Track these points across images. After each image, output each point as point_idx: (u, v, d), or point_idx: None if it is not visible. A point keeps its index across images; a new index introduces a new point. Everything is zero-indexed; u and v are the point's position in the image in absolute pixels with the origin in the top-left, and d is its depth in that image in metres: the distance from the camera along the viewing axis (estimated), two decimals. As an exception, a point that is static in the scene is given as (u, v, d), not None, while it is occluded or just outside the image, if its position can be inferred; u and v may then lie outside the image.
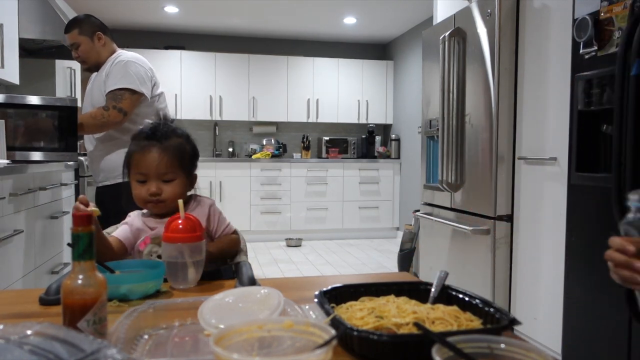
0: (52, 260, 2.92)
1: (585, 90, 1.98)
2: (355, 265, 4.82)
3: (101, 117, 2.37)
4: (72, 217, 0.73)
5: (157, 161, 1.31)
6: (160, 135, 1.34)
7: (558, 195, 2.26)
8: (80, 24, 2.49)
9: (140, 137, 1.36)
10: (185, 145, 1.38)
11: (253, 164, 5.93)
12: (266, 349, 0.67)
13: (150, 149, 1.32)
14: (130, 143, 1.39)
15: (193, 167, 1.41)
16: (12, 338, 0.60)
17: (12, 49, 3.29)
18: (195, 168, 1.42)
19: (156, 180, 1.32)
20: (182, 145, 1.37)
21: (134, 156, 1.34)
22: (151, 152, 1.32)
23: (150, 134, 1.34)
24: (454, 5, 3.28)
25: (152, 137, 1.34)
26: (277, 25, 6.00)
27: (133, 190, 1.35)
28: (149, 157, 1.32)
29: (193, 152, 1.41)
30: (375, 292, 0.92)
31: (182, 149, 1.37)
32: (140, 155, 1.33)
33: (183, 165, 1.35)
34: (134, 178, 1.35)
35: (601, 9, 1.91)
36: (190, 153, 1.39)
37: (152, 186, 1.31)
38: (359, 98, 6.50)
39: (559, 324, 2.16)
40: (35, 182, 2.64)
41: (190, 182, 1.40)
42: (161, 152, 1.32)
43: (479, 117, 2.74)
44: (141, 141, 1.35)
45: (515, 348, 0.61)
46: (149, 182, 1.32)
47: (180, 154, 1.35)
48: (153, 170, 1.31)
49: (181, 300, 0.89)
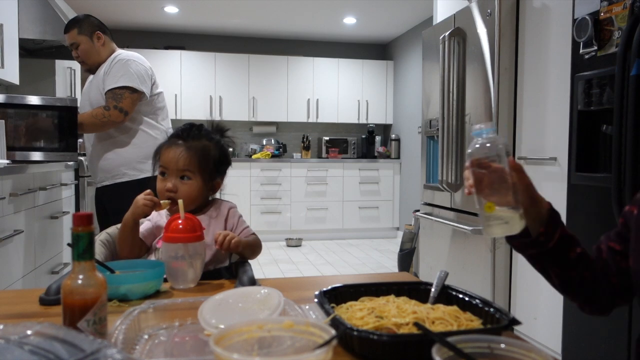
0: (52, 260, 2.92)
1: (585, 90, 1.98)
2: (355, 265, 4.82)
3: (102, 117, 2.37)
4: (72, 217, 0.73)
5: (177, 157, 1.35)
6: (188, 135, 1.38)
7: (558, 195, 2.26)
8: (79, 24, 2.49)
9: (173, 134, 1.42)
10: (211, 149, 1.40)
11: (253, 164, 5.93)
12: (266, 349, 0.67)
13: (175, 145, 1.37)
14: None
15: (217, 172, 1.42)
16: (12, 338, 0.60)
17: (12, 49, 3.29)
18: (220, 175, 1.43)
19: (175, 176, 1.35)
20: (207, 148, 1.39)
21: (161, 149, 1.39)
22: (175, 148, 1.36)
23: (181, 132, 1.40)
24: (454, 5, 3.28)
25: (180, 135, 1.39)
26: (277, 25, 6.00)
27: (157, 183, 1.39)
28: (172, 152, 1.36)
29: (220, 158, 1.42)
30: (375, 292, 0.92)
31: (206, 151, 1.38)
32: (165, 149, 1.38)
33: (204, 166, 1.37)
34: (158, 170, 1.39)
35: (601, 9, 1.91)
36: (216, 158, 1.40)
37: (169, 181, 1.35)
38: (359, 98, 6.50)
39: (559, 324, 2.16)
40: (35, 182, 2.64)
41: (211, 186, 1.42)
42: (184, 149, 1.36)
43: (479, 117, 2.74)
44: (172, 137, 1.40)
45: (515, 348, 0.61)
46: (169, 176, 1.36)
47: (202, 155, 1.37)
48: (172, 165, 1.35)
49: (181, 300, 0.89)
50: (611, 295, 0.96)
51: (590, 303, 0.99)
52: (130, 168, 2.45)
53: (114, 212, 2.40)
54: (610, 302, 0.97)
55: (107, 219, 2.42)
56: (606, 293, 0.96)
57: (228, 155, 1.46)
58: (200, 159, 1.36)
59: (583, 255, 0.97)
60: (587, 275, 0.96)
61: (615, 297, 0.96)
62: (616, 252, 0.95)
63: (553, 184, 2.33)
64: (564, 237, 0.96)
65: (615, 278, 0.95)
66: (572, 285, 0.98)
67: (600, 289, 0.96)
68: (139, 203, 1.29)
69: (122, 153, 2.46)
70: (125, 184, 2.45)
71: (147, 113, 2.51)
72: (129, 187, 2.42)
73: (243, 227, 1.42)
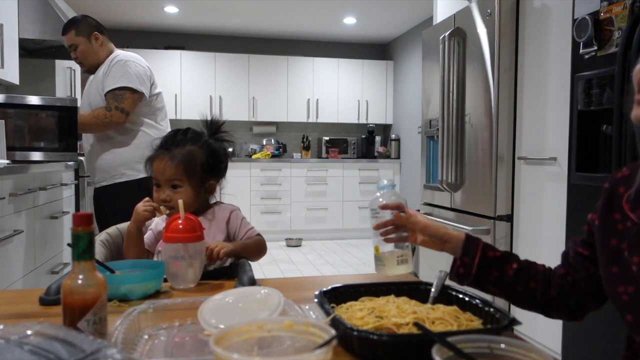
0: (52, 260, 2.92)
1: (585, 90, 1.98)
2: (355, 265, 4.82)
3: (104, 117, 2.37)
4: (72, 217, 0.73)
5: (163, 168, 1.35)
6: (172, 143, 1.38)
7: (558, 195, 2.26)
8: (76, 25, 2.49)
9: (159, 144, 1.41)
10: (196, 153, 1.39)
11: (253, 164, 5.93)
12: (266, 349, 0.67)
13: (161, 156, 1.37)
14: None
15: (209, 175, 1.41)
16: (12, 338, 0.60)
17: (12, 49, 3.29)
18: (214, 176, 1.42)
19: (167, 186, 1.36)
20: (192, 153, 1.38)
21: (151, 162, 1.40)
22: (161, 159, 1.37)
23: (164, 141, 1.40)
24: (454, 5, 3.28)
25: (164, 145, 1.39)
26: (277, 25, 6.00)
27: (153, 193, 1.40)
28: (158, 163, 1.37)
29: (209, 160, 1.40)
30: (375, 292, 0.92)
31: (191, 157, 1.38)
32: (154, 161, 1.38)
33: (191, 173, 1.36)
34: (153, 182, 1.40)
35: (601, 9, 1.91)
36: (203, 161, 1.39)
37: (162, 192, 1.36)
38: (359, 98, 6.50)
39: (559, 324, 2.16)
40: (35, 182, 2.64)
41: (205, 189, 1.41)
42: (168, 160, 1.36)
43: (479, 117, 2.74)
44: (158, 148, 1.40)
45: (515, 348, 0.61)
46: (162, 187, 1.36)
47: (187, 161, 1.36)
48: (161, 177, 1.36)
49: (181, 300, 0.89)
50: (580, 300, 0.95)
51: (553, 310, 0.98)
52: (128, 168, 2.45)
53: (113, 212, 2.40)
54: (580, 307, 0.96)
55: (106, 219, 2.42)
56: (572, 298, 0.95)
57: (219, 154, 1.44)
58: (185, 166, 1.36)
59: (523, 269, 0.98)
60: (535, 286, 0.97)
61: (585, 302, 0.95)
62: (585, 258, 0.94)
63: (553, 184, 2.33)
64: (490, 260, 0.98)
65: (585, 283, 0.94)
66: (522, 299, 0.99)
67: (560, 296, 0.96)
68: (139, 210, 1.31)
69: (120, 153, 2.46)
70: (124, 184, 2.45)
71: (146, 114, 2.51)
72: (128, 187, 2.43)
73: (247, 229, 1.42)
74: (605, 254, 0.87)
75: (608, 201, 0.89)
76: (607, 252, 0.86)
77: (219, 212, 1.42)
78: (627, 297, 0.82)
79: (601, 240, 0.88)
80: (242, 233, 1.41)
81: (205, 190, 1.42)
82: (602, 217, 0.89)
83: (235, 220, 1.42)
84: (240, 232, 1.41)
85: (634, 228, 0.82)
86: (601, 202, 0.90)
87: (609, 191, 0.89)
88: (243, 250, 1.32)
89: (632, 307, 0.81)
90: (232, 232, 1.41)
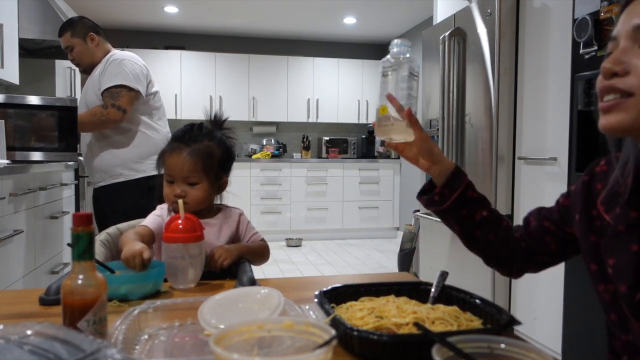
0: (52, 260, 2.92)
1: (585, 90, 1.98)
2: (355, 265, 4.82)
3: (100, 115, 2.37)
4: (72, 217, 0.73)
5: (181, 164, 1.32)
6: (189, 138, 1.35)
7: (558, 195, 2.25)
8: (72, 27, 2.49)
9: (174, 138, 1.39)
10: (214, 149, 1.38)
11: (253, 164, 5.93)
12: (266, 349, 0.67)
13: (178, 151, 1.34)
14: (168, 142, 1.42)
15: (223, 171, 1.41)
16: (12, 338, 0.60)
17: (12, 49, 3.29)
18: (226, 172, 1.42)
19: (181, 182, 1.33)
20: (210, 149, 1.37)
21: (165, 156, 1.37)
22: (178, 154, 1.33)
23: (181, 135, 1.37)
24: (454, 5, 3.28)
25: (181, 139, 1.36)
26: (277, 25, 6.00)
27: (164, 188, 1.37)
28: (176, 159, 1.33)
29: (224, 156, 1.40)
30: (375, 292, 0.92)
31: (210, 153, 1.36)
32: (169, 156, 1.35)
33: (209, 169, 1.35)
34: (165, 177, 1.37)
35: (601, 9, 1.91)
36: (220, 157, 1.38)
37: (177, 188, 1.33)
38: (359, 98, 6.50)
39: (559, 324, 2.16)
40: (35, 182, 2.64)
41: (218, 186, 1.40)
42: (187, 155, 1.33)
43: (479, 117, 2.74)
44: (173, 142, 1.37)
45: (515, 348, 0.61)
46: (176, 183, 1.34)
47: (206, 157, 1.35)
48: (178, 173, 1.33)
49: (181, 300, 0.89)
50: (524, 265, 1.03)
51: (495, 262, 1.05)
52: (126, 168, 2.45)
53: (112, 212, 2.40)
54: (521, 270, 1.04)
55: (105, 219, 2.42)
56: (519, 262, 1.02)
57: (231, 151, 1.44)
58: (204, 162, 1.34)
59: (489, 218, 1.01)
60: (492, 238, 1.02)
61: (528, 268, 1.03)
62: (549, 232, 0.98)
63: (553, 184, 2.33)
64: (467, 199, 1.00)
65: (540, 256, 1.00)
66: (476, 243, 1.04)
67: (509, 256, 1.02)
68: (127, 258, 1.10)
69: (118, 153, 2.46)
70: (123, 184, 2.45)
71: (144, 113, 2.51)
72: (126, 187, 2.43)
73: (252, 234, 1.42)
74: (585, 250, 0.88)
75: (586, 198, 0.89)
76: (587, 249, 0.87)
77: (228, 215, 1.42)
78: (608, 295, 0.83)
79: (581, 236, 0.89)
80: (247, 237, 1.41)
81: (219, 187, 1.41)
82: (581, 213, 0.89)
83: (243, 223, 1.42)
84: (246, 235, 1.41)
85: (609, 229, 0.82)
86: (580, 196, 0.90)
87: (587, 185, 0.90)
88: (247, 253, 1.32)
89: (614, 305, 0.81)
90: (240, 236, 1.42)
